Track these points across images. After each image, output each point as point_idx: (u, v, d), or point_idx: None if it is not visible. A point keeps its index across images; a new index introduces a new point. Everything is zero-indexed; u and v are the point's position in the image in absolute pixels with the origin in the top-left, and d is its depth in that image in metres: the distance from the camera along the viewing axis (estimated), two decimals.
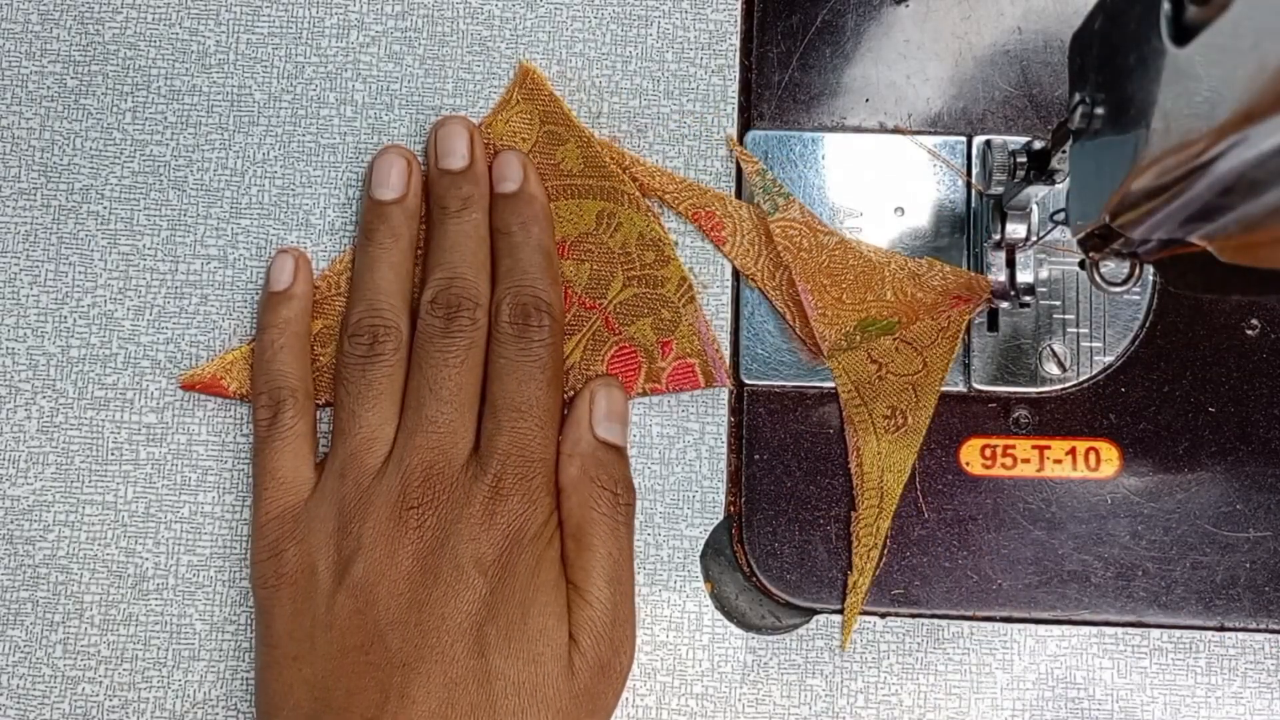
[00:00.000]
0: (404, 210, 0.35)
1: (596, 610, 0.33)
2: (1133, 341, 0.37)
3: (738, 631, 0.36)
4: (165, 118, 0.37)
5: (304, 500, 0.34)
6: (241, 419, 0.36)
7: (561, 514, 0.34)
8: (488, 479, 0.33)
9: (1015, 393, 0.37)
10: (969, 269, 0.37)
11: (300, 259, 0.36)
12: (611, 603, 0.33)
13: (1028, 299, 0.36)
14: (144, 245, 0.37)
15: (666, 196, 0.37)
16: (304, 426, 0.35)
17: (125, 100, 0.37)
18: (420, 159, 0.37)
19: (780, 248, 0.36)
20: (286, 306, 0.35)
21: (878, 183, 0.38)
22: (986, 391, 0.37)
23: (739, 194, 0.38)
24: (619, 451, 0.35)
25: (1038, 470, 0.36)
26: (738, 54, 0.38)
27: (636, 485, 0.36)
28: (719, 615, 0.36)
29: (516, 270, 0.35)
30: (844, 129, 0.38)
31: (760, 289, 0.37)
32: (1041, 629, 0.36)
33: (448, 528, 0.32)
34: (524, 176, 0.36)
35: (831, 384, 0.37)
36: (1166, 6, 0.22)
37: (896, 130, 0.38)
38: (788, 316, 0.37)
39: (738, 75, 0.38)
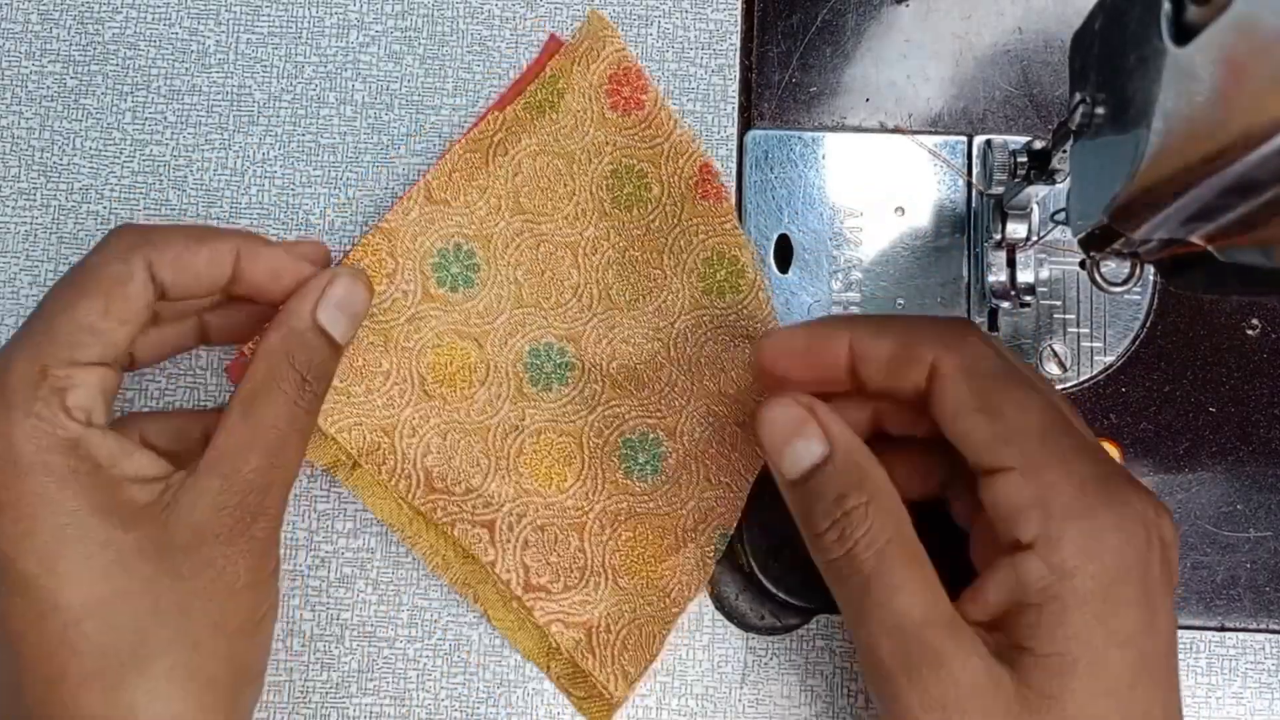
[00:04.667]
0: None
1: (230, 481, 0.29)
2: (1133, 341, 0.37)
3: (738, 631, 0.36)
4: (165, 118, 0.37)
5: None
6: None
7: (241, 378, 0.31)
8: None
9: None
10: (969, 269, 0.37)
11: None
12: (257, 480, 0.29)
13: (1028, 299, 0.36)
14: None
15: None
16: None
17: (125, 100, 0.37)
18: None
19: None
20: None
21: (878, 183, 0.38)
22: None
23: (739, 196, 0.38)
24: (332, 344, 0.31)
25: None
26: (738, 54, 0.38)
27: None
28: (719, 615, 0.36)
29: None
30: (844, 129, 0.38)
31: None
32: None
33: None
34: None
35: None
36: (1167, 6, 0.22)
37: (896, 130, 0.38)
38: None
39: (738, 75, 0.38)
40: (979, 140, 0.38)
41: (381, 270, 0.35)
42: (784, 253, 0.38)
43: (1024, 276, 0.36)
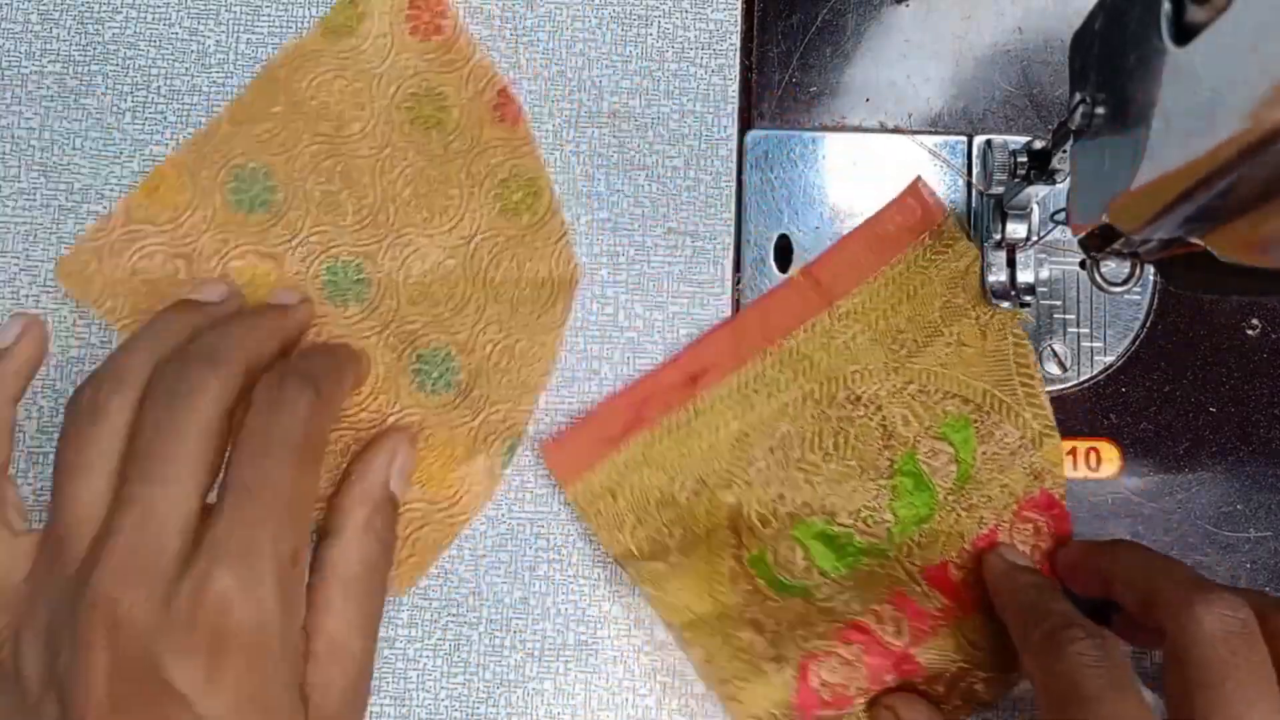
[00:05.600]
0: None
1: (348, 666, 0.30)
2: (1133, 341, 0.37)
3: None
4: (165, 117, 0.37)
5: (17, 583, 0.30)
6: None
7: (326, 556, 0.31)
8: (193, 575, 0.27)
9: None
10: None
11: (31, 324, 0.33)
12: (364, 659, 0.31)
13: (1028, 299, 0.36)
14: None
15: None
16: None
17: (125, 100, 0.37)
18: None
19: None
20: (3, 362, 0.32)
21: (878, 183, 0.38)
22: None
23: (739, 196, 0.38)
24: (397, 507, 0.34)
25: None
26: (738, 54, 0.38)
27: None
28: None
29: (299, 357, 0.33)
30: (844, 129, 0.38)
31: None
32: None
33: (148, 635, 0.27)
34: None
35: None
36: (1167, 6, 0.22)
37: (896, 130, 0.38)
38: None
39: (738, 75, 0.38)
40: (979, 140, 0.38)
41: (181, 196, 0.36)
42: (784, 253, 0.38)
43: (1024, 276, 0.36)
